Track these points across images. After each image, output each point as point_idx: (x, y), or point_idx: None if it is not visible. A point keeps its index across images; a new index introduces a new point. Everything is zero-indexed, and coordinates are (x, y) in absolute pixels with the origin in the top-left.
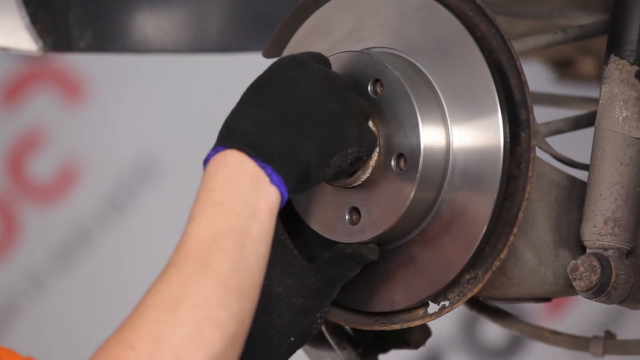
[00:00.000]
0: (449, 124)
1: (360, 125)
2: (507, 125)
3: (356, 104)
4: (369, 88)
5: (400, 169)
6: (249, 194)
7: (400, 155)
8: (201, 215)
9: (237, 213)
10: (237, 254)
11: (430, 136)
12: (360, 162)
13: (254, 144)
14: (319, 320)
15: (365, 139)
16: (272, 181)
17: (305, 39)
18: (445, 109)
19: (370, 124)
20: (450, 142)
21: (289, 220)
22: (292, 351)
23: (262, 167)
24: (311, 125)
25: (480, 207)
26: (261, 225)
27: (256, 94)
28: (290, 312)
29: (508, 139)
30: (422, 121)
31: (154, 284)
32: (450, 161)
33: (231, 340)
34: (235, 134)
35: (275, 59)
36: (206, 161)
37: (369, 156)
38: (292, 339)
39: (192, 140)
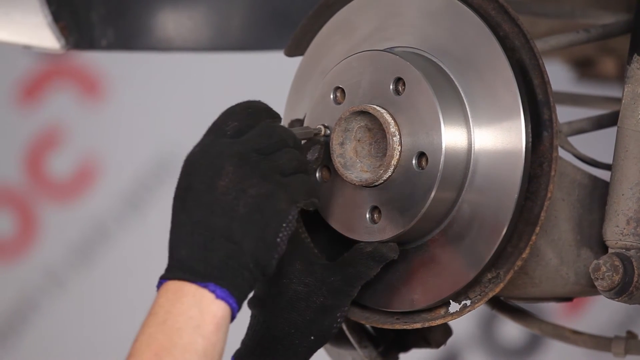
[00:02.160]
0: (471, 124)
1: (286, 188)
2: (530, 127)
3: (274, 170)
4: (390, 87)
5: (422, 168)
6: (192, 311)
7: (421, 154)
8: (143, 335)
9: (178, 329)
10: None
11: (452, 135)
12: (311, 205)
13: (192, 269)
14: (339, 320)
15: (298, 194)
16: (217, 296)
17: (328, 39)
18: (468, 109)
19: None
20: (472, 142)
21: (310, 219)
22: (313, 350)
23: (204, 287)
24: (241, 223)
25: (502, 207)
26: (206, 339)
27: (182, 213)
28: (311, 310)
29: (530, 140)
30: (444, 120)
31: None
32: (471, 161)
33: None
34: (174, 263)
35: (299, 57)
36: (158, 287)
37: (314, 197)
38: (312, 337)
39: None
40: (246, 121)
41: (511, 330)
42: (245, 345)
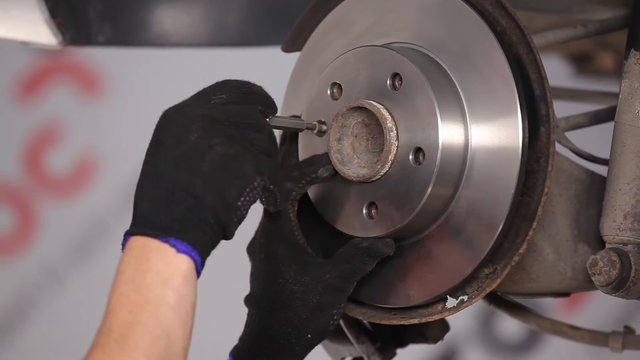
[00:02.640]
0: (468, 119)
1: (255, 155)
2: (526, 122)
3: (245, 136)
4: (388, 82)
5: (419, 164)
6: (158, 266)
7: (418, 150)
8: (115, 295)
9: (148, 285)
10: (155, 324)
11: (449, 131)
12: (271, 196)
13: (154, 223)
14: (335, 317)
15: (264, 168)
16: (179, 250)
17: (325, 34)
18: (465, 104)
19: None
20: (469, 137)
21: (306, 217)
22: (310, 348)
23: (165, 241)
24: (204, 179)
25: (499, 203)
26: (176, 292)
27: (148, 166)
28: (307, 309)
29: (527, 136)
30: (441, 116)
31: None
32: (468, 156)
33: None
34: (138, 218)
35: (298, 52)
36: (123, 246)
37: (277, 186)
38: (309, 335)
39: None
40: (235, 98)
41: (509, 325)
42: (242, 342)
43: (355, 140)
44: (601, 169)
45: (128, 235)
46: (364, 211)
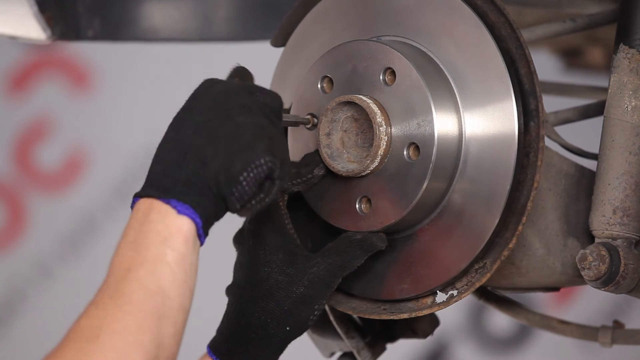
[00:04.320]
0: (462, 113)
1: (271, 137)
2: (522, 117)
3: (264, 115)
4: (380, 77)
5: (413, 159)
6: (158, 227)
7: (413, 145)
8: (116, 256)
9: (147, 244)
10: (151, 280)
11: (443, 125)
12: (272, 186)
13: (161, 185)
14: (316, 312)
15: (277, 151)
16: (179, 212)
17: (312, 27)
18: (458, 98)
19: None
20: (463, 132)
21: (299, 210)
22: (287, 341)
23: (167, 202)
24: (216, 146)
25: (494, 197)
26: (175, 251)
27: (172, 131)
28: (289, 301)
29: (522, 131)
30: (435, 110)
31: (75, 321)
32: (462, 151)
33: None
34: (148, 180)
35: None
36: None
37: (284, 174)
38: (287, 328)
39: None
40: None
41: (499, 320)
42: (219, 333)
43: (345, 134)
44: (590, 164)
45: (136, 197)
46: (357, 205)
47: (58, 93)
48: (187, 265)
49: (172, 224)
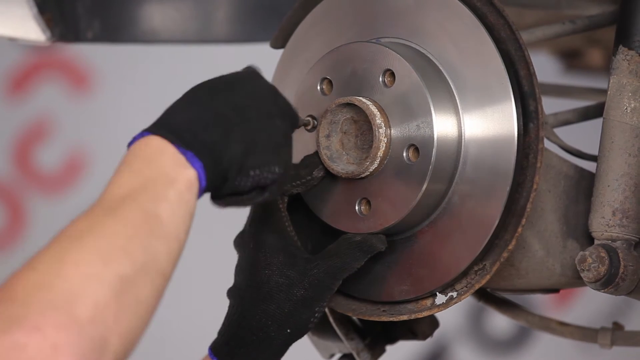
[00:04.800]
0: (461, 115)
1: (289, 149)
2: (521, 119)
3: (292, 127)
4: (379, 79)
5: (413, 161)
6: (167, 168)
7: (412, 147)
8: (117, 178)
9: (154, 179)
10: (150, 206)
11: (443, 127)
12: (260, 194)
13: (179, 133)
14: (316, 314)
15: (288, 165)
16: (193, 165)
17: (311, 29)
18: (457, 100)
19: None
20: (463, 134)
21: (298, 212)
22: (288, 344)
23: (183, 153)
24: (246, 132)
25: (493, 199)
26: (179, 194)
27: (206, 93)
28: (290, 303)
29: (522, 133)
30: (434, 112)
31: (60, 230)
32: (462, 152)
33: (142, 269)
34: (164, 123)
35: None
36: (130, 144)
37: (276, 189)
38: (288, 330)
39: None
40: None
41: (499, 322)
42: (220, 335)
43: (345, 136)
44: (590, 165)
45: (147, 132)
46: (356, 207)
47: (58, 94)
48: (186, 210)
49: (181, 171)
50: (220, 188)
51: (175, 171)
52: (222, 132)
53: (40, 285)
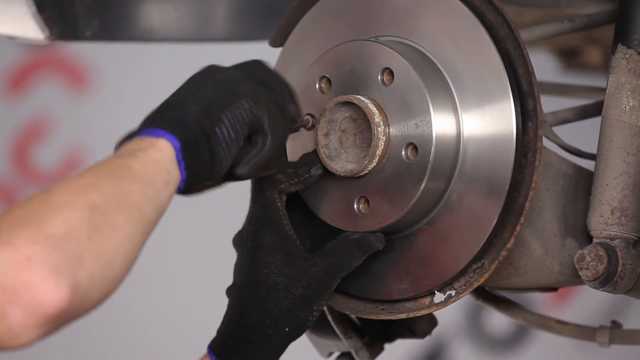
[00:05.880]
0: (460, 113)
1: (253, 86)
2: (520, 118)
3: (253, 80)
4: (378, 77)
5: (412, 159)
6: (134, 145)
7: (411, 145)
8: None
9: (121, 155)
10: (119, 160)
11: (441, 126)
12: (267, 136)
13: (146, 121)
14: (315, 313)
15: (259, 97)
16: (156, 135)
17: (310, 27)
18: (456, 98)
19: (377, 113)
20: (461, 132)
21: (297, 210)
22: (286, 342)
23: (149, 132)
24: (198, 94)
25: (492, 197)
26: (146, 154)
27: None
28: (288, 302)
29: (520, 131)
30: (433, 110)
31: None
32: (460, 151)
33: (114, 201)
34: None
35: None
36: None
37: (276, 126)
38: (286, 329)
39: None
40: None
41: (498, 320)
42: (219, 333)
43: (343, 135)
44: (588, 164)
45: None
46: (355, 205)
47: (56, 93)
48: (159, 165)
49: (147, 142)
50: (211, 152)
51: (139, 144)
52: (179, 103)
53: (11, 212)
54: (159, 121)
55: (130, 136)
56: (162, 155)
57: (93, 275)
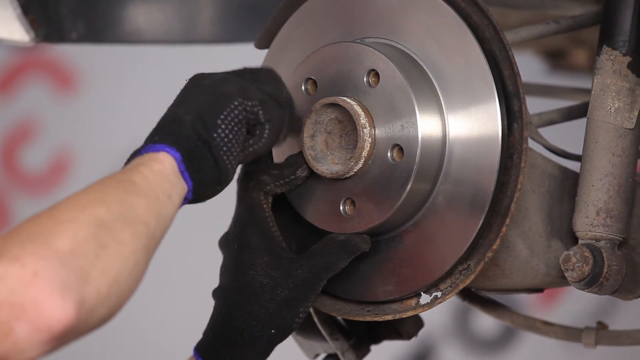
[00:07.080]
0: (446, 115)
1: (241, 83)
2: (505, 119)
3: (237, 76)
4: (364, 79)
5: (397, 161)
6: (137, 161)
7: (397, 147)
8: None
9: (124, 171)
10: (122, 176)
11: (427, 127)
12: (264, 126)
13: (147, 140)
14: (301, 315)
15: (249, 92)
16: (156, 150)
17: (295, 29)
18: (441, 100)
19: (363, 115)
20: (447, 133)
21: (283, 213)
22: (272, 344)
23: (150, 148)
24: (189, 104)
25: (477, 199)
26: (149, 168)
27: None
28: (274, 303)
29: (506, 132)
30: (419, 112)
31: None
32: (446, 152)
33: (120, 216)
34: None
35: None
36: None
37: (271, 115)
38: (272, 331)
39: None
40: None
41: (485, 322)
42: (206, 335)
43: (329, 136)
44: (574, 165)
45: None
46: (341, 207)
47: (42, 95)
48: (162, 177)
49: (149, 157)
50: (210, 150)
51: (141, 160)
52: (172, 115)
53: (19, 229)
54: (158, 137)
55: (133, 155)
56: (163, 167)
57: (99, 292)
